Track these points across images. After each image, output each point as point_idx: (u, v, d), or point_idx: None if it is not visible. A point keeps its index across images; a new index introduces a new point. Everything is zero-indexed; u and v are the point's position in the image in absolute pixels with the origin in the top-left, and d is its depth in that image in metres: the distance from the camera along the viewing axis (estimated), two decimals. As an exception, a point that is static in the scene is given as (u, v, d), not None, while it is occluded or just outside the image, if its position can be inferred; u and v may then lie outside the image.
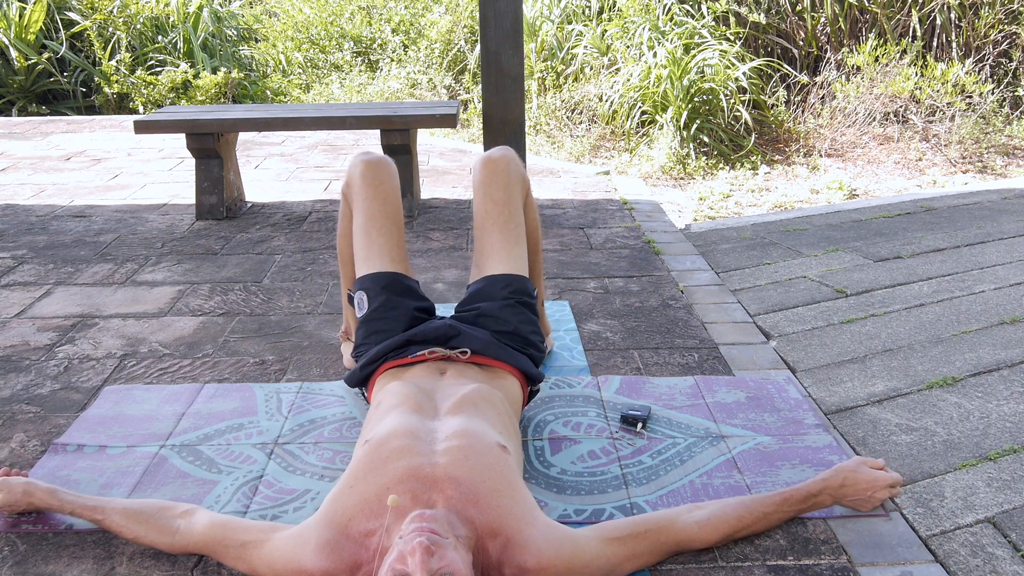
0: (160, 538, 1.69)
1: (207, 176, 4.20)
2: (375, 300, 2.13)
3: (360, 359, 2.11)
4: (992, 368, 2.55)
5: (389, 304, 2.12)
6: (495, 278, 2.17)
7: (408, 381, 1.93)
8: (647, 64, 6.16)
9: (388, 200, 2.24)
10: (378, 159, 2.29)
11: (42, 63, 7.74)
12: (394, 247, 2.21)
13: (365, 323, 2.15)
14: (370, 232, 2.20)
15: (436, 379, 1.97)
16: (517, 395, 2.05)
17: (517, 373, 2.06)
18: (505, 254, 2.19)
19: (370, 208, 2.22)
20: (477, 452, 1.63)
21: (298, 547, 1.54)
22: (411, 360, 2.03)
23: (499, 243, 2.20)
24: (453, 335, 2.05)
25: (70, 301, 3.18)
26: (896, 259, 3.58)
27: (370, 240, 2.19)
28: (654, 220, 4.16)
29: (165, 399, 2.41)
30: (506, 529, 1.53)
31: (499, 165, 2.25)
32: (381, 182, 2.24)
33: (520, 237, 2.23)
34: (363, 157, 2.29)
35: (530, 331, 2.15)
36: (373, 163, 2.27)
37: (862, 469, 1.80)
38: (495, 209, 2.21)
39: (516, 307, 2.13)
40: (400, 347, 2.06)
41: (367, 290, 2.15)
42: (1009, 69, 6.39)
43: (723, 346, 2.72)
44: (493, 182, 2.24)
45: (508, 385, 2.03)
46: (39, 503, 1.83)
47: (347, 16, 8.48)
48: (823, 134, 6.15)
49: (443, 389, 1.90)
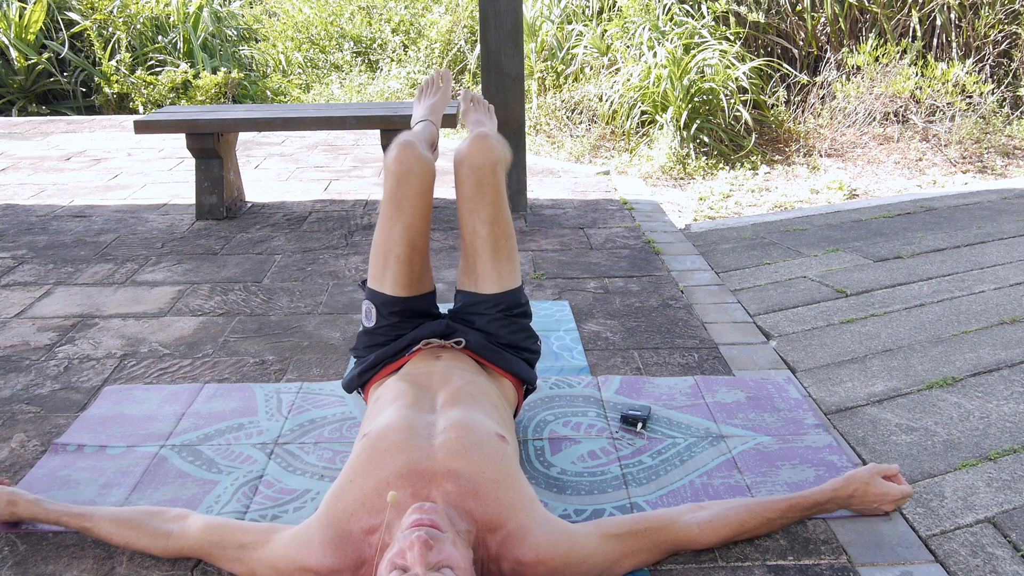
0: (152, 543, 1.68)
1: (207, 176, 4.20)
2: (383, 320, 2.05)
3: (358, 366, 2.10)
4: (992, 368, 2.55)
5: (398, 326, 2.05)
6: (485, 298, 2.05)
7: (405, 375, 1.93)
8: (647, 64, 6.16)
9: (416, 208, 1.96)
10: (412, 143, 1.98)
11: (42, 63, 7.73)
12: (410, 273, 2.01)
13: (368, 334, 2.08)
14: (388, 256, 2.00)
15: (432, 364, 1.95)
16: (512, 396, 2.05)
17: (511, 377, 2.06)
18: (496, 274, 2.04)
19: (392, 215, 1.97)
20: (475, 443, 1.62)
21: (301, 546, 1.54)
22: (408, 358, 2.02)
23: (489, 264, 2.03)
24: (450, 332, 2.05)
25: (70, 301, 3.18)
26: (896, 259, 3.58)
27: (387, 264, 2.00)
28: (654, 220, 4.16)
29: (165, 399, 2.41)
30: (506, 522, 1.53)
31: (484, 173, 1.97)
32: (409, 183, 1.96)
33: (512, 250, 2.06)
34: (400, 139, 2.00)
35: (523, 338, 2.10)
36: (405, 147, 1.97)
37: (875, 481, 1.79)
38: (483, 229, 2.00)
39: (506, 320, 2.06)
40: (397, 352, 2.04)
41: (377, 307, 2.05)
42: (1009, 69, 6.38)
43: (723, 346, 2.72)
44: (480, 197, 1.99)
45: (502, 385, 2.03)
46: (23, 513, 1.80)
47: (347, 16, 8.48)
48: (823, 134, 6.15)
49: (439, 375, 1.88)
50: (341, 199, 4.61)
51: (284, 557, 1.55)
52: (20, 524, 1.84)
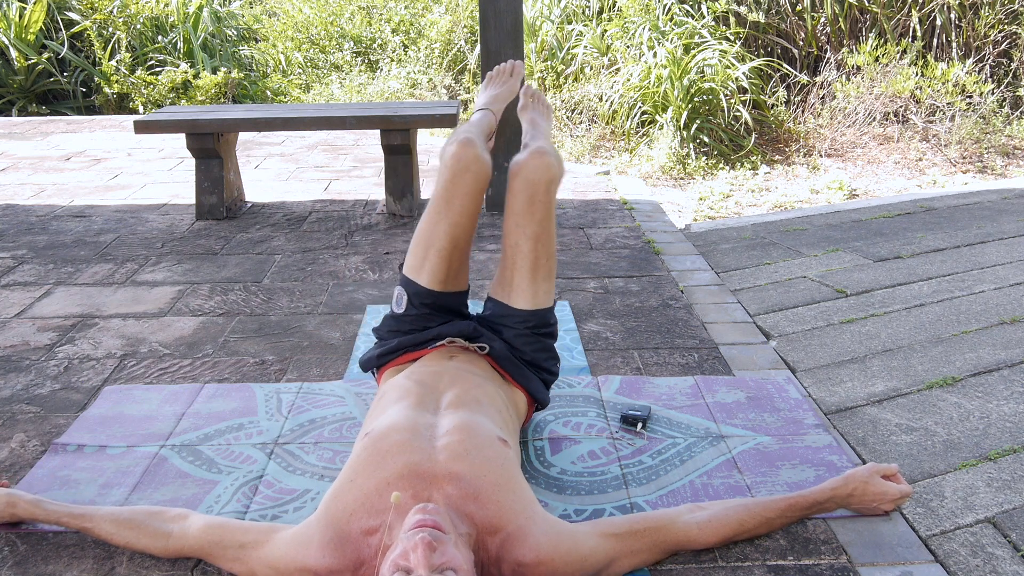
0: (153, 543, 1.68)
1: (207, 176, 4.20)
2: (412, 309, 2.05)
3: (378, 348, 2.11)
4: (992, 368, 2.55)
5: (426, 318, 2.06)
6: (516, 312, 2.06)
7: (413, 373, 1.93)
8: (647, 64, 6.16)
9: (465, 207, 1.96)
10: (472, 142, 1.97)
11: (42, 63, 7.73)
12: (448, 268, 2.01)
13: (395, 319, 2.08)
14: (430, 248, 2.00)
15: (444, 364, 1.95)
16: (522, 408, 2.06)
17: (526, 393, 2.06)
18: (531, 292, 2.04)
19: (440, 209, 1.97)
20: (477, 446, 1.63)
21: (301, 546, 1.54)
22: (428, 351, 2.03)
23: (526, 280, 2.02)
24: (476, 336, 2.05)
25: (70, 301, 3.18)
26: (896, 259, 3.58)
27: (426, 256, 2.00)
28: (654, 220, 4.16)
29: (165, 399, 2.41)
30: (506, 524, 1.53)
31: (538, 189, 1.96)
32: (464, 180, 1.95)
33: (551, 270, 2.06)
34: (460, 135, 2.00)
35: (545, 358, 2.11)
36: (466, 144, 1.96)
37: (874, 480, 1.79)
38: (527, 245, 1.99)
39: (532, 338, 2.07)
40: (422, 342, 2.05)
41: (409, 296, 2.05)
42: (1009, 69, 6.38)
43: (723, 346, 2.72)
44: (529, 213, 1.97)
45: (515, 396, 2.03)
46: (23, 514, 1.80)
47: (347, 16, 8.48)
48: (823, 134, 6.15)
49: (449, 376, 1.89)
50: (341, 199, 4.61)
51: (284, 557, 1.55)
52: (20, 524, 1.84)
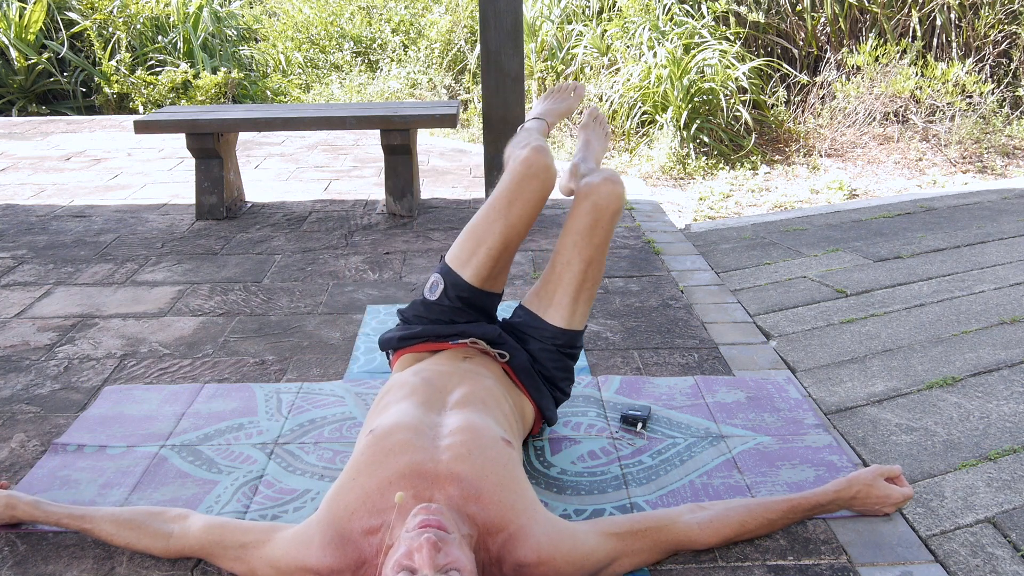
0: (153, 543, 1.68)
1: (207, 176, 4.20)
2: (445, 299, 2.05)
3: (401, 330, 2.10)
4: (992, 368, 2.55)
5: (455, 311, 2.06)
6: (547, 327, 2.06)
7: (422, 371, 1.93)
8: (647, 64, 6.16)
9: (524, 212, 1.99)
10: (546, 150, 2.00)
11: (42, 63, 7.73)
12: (492, 268, 2.03)
13: (425, 305, 2.08)
14: (480, 245, 2.01)
15: (456, 363, 1.95)
16: (528, 420, 2.05)
17: (536, 406, 2.06)
18: (569, 312, 2.05)
19: (500, 209, 1.99)
20: (480, 447, 1.62)
21: (302, 545, 1.54)
22: (448, 346, 2.03)
23: (567, 299, 2.03)
24: (500, 342, 2.05)
25: (70, 301, 3.18)
26: (896, 259, 3.58)
27: (475, 252, 2.02)
28: (654, 220, 4.16)
29: (165, 399, 2.41)
30: (507, 524, 1.53)
31: (604, 216, 1.99)
32: (530, 186, 1.97)
33: (592, 296, 2.07)
34: (533, 141, 2.02)
35: (562, 377, 2.11)
36: (539, 151, 1.98)
37: (878, 483, 1.79)
38: (578, 266, 2.01)
39: (557, 355, 2.07)
40: (445, 335, 2.05)
41: (447, 285, 2.05)
42: (1009, 69, 6.39)
43: (723, 346, 2.72)
44: (590, 236, 2.00)
45: (523, 406, 2.03)
46: (22, 515, 1.80)
47: (347, 16, 8.48)
48: (823, 134, 6.15)
49: (458, 376, 1.89)
50: (341, 199, 4.61)
51: (285, 556, 1.55)
52: (20, 525, 1.84)
